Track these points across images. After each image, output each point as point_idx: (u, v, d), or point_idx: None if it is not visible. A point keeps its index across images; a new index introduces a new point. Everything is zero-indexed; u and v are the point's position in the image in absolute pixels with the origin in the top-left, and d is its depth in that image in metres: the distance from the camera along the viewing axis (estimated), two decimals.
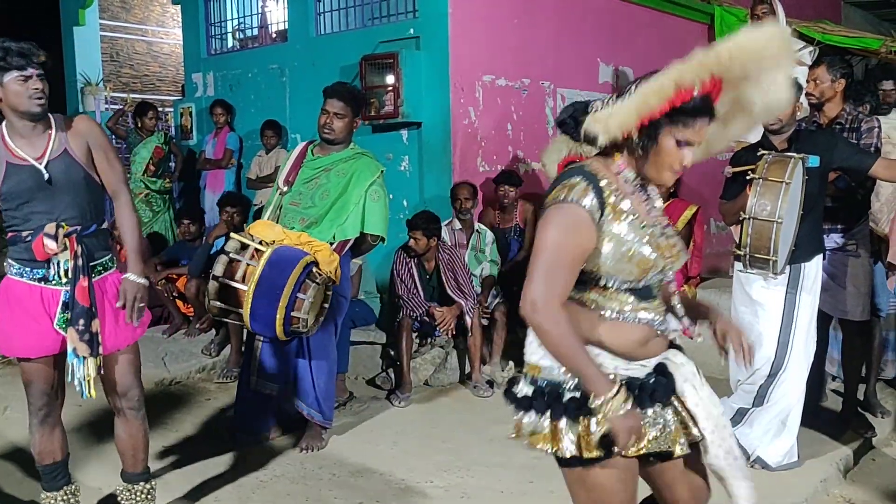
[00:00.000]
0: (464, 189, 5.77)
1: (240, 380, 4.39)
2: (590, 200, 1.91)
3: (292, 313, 3.62)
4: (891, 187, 4.47)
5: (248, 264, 3.67)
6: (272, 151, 7.07)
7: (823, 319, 4.10)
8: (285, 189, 4.14)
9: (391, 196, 6.27)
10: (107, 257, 3.04)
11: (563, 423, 1.94)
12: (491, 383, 5.24)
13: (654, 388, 1.98)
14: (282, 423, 4.41)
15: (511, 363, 5.44)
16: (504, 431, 4.39)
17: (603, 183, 1.96)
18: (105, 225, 3.05)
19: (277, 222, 4.03)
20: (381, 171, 4.23)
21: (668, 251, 2.02)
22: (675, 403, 2.03)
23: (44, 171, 2.85)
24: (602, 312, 1.99)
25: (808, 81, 4.19)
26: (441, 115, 6.16)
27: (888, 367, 4.82)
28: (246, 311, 3.63)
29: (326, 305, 3.82)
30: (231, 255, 3.73)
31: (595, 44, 7.27)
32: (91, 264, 2.92)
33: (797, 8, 8.30)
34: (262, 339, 4.09)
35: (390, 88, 6.04)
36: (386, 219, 4.22)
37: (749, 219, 3.49)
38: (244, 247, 3.76)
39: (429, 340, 5.54)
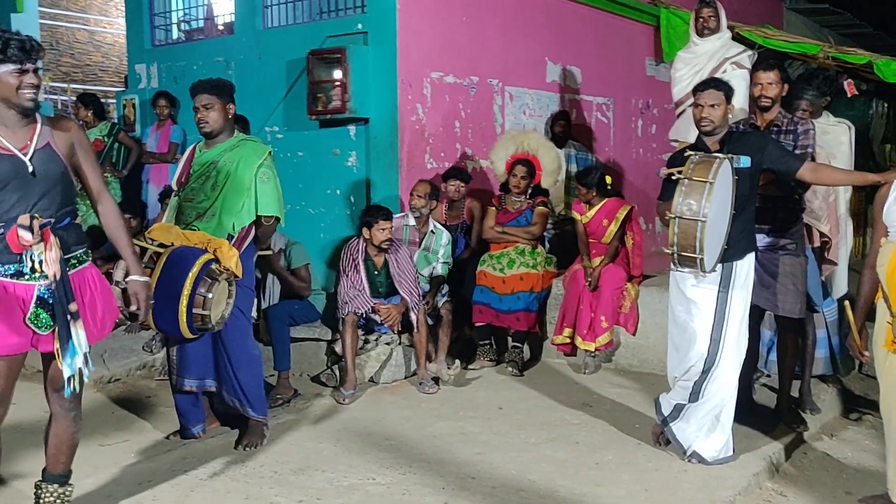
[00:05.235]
0: (419, 187, 5.68)
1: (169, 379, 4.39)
2: None
3: (194, 310, 3.70)
4: (826, 188, 4.60)
5: (147, 268, 3.70)
6: None
7: (754, 316, 4.19)
8: (179, 189, 4.20)
9: (338, 191, 6.32)
10: (81, 250, 3.00)
11: None
12: (436, 380, 5.25)
13: None
14: (224, 420, 4.40)
15: (457, 360, 5.45)
16: (447, 428, 4.46)
17: None
18: (77, 220, 3.01)
19: (176, 223, 4.09)
20: (269, 153, 4.22)
21: None
22: None
23: (27, 163, 2.83)
24: None
25: (757, 84, 4.20)
26: (389, 111, 6.14)
27: (819, 364, 4.96)
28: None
29: (231, 301, 3.90)
30: None
31: (543, 43, 7.32)
32: (66, 257, 2.88)
33: (740, 13, 8.49)
34: (175, 338, 4.09)
35: (338, 83, 6.00)
36: (279, 198, 4.20)
37: (674, 218, 3.55)
38: (143, 251, 3.81)
39: (374, 337, 5.52)
